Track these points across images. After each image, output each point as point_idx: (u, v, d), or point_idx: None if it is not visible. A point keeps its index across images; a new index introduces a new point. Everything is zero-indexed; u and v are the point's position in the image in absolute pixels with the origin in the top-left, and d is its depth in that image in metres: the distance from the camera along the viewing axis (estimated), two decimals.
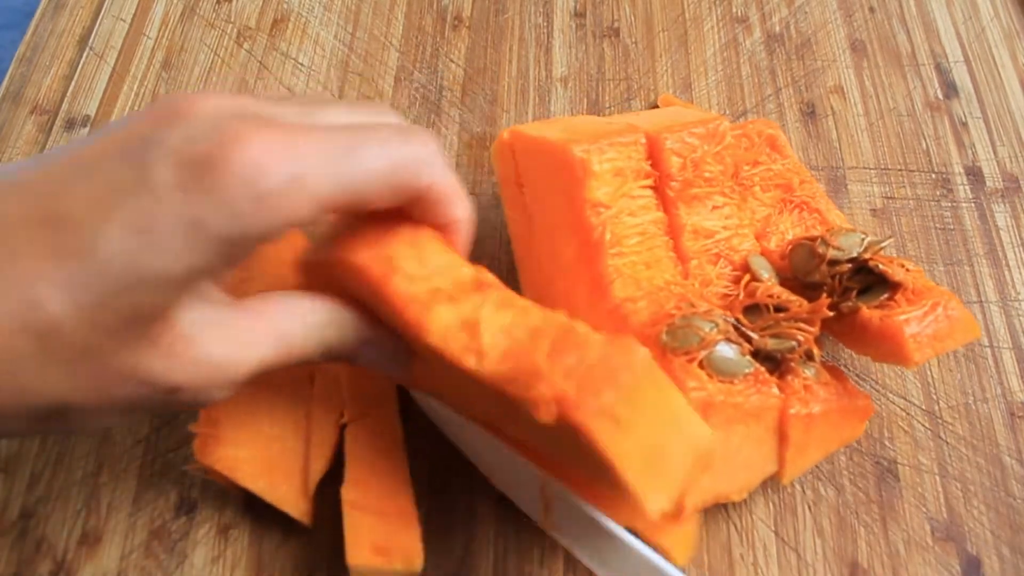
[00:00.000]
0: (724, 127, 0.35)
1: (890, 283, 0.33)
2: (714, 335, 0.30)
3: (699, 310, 0.31)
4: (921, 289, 0.33)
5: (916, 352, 0.32)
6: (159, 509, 0.35)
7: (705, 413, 0.29)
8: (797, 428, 0.30)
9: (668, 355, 0.30)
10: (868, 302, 0.33)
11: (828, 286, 0.33)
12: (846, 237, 0.33)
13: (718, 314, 0.31)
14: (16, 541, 0.34)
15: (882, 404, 0.38)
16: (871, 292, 0.33)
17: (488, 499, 0.35)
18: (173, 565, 0.34)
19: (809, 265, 0.34)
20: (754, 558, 0.34)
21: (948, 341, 0.32)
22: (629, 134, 0.34)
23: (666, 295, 0.32)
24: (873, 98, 0.48)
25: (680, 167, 0.34)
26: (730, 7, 0.52)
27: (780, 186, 0.37)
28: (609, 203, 0.33)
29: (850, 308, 0.33)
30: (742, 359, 0.30)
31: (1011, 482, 0.36)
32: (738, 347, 0.30)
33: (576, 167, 0.33)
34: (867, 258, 0.33)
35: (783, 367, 0.32)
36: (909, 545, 0.35)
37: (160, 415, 0.37)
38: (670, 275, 0.33)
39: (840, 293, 0.33)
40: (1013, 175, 0.45)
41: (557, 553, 0.34)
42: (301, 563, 0.34)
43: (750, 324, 0.32)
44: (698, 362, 0.30)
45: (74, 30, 0.49)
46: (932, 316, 0.32)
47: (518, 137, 0.36)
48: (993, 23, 0.52)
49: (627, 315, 0.31)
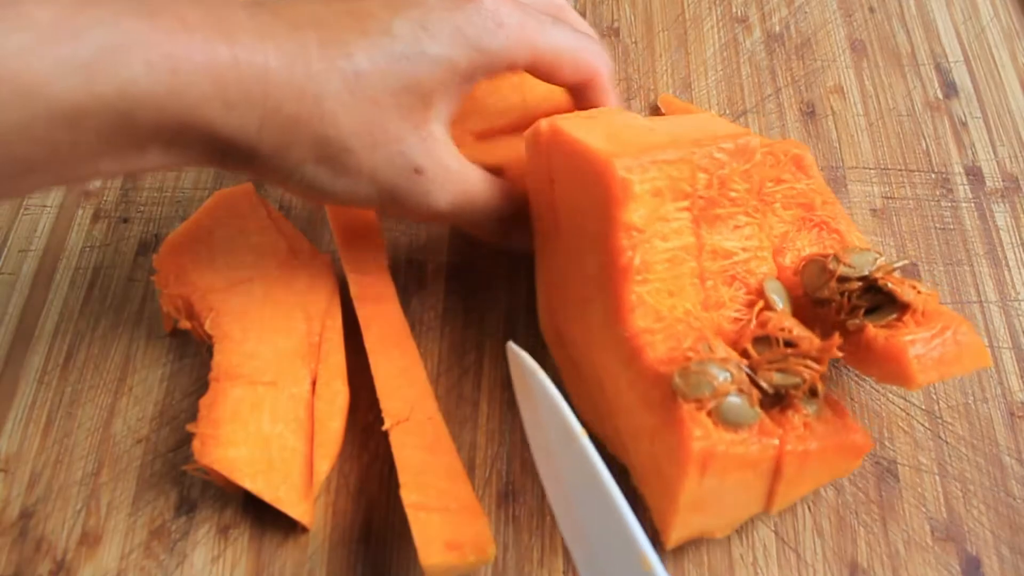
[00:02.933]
0: (754, 143, 0.33)
1: (899, 303, 0.32)
2: (727, 385, 0.29)
3: (716, 355, 0.30)
4: (932, 313, 0.32)
5: (920, 374, 0.31)
6: (159, 509, 0.35)
7: (704, 463, 0.29)
8: (792, 464, 0.30)
9: (679, 400, 0.29)
10: (875, 321, 0.32)
11: (837, 303, 0.33)
12: (859, 256, 0.33)
13: (733, 363, 0.30)
14: (16, 541, 0.34)
15: (882, 404, 0.38)
16: (879, 312, 0.32)
17: (488, 499, 0.35)
18: (173, 565, 0.34)
19: (819, 281, 0.33)
20: (754, 558, 0.34)
21: (955, 366, 0.31)
22: (673, 150, 0.32)
23: (685, 328, 0.31)
24: (873, 98, 0.48)
25: (706, 184, 0.32)
26: (730, 7, 0.52)
27: (802, 204, 0.36)
28: (644, 227, 0.32)
29: (856, 326, 0.32)
30: (750, 410, 0.29)
31: (1011, 482, 0.36)
32: (748, 397, 0.30)
33: (616, 186, 0.31)
34: (877, 277, 0.32)
35: (785, 401, 0.31)
36: (909, 545, 0.35)
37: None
38: (691, 304, 0.32)
39: (848, 311, 0.33)
40: (1013, 175, 0.45)
41: (557, 553, 0.34)
42: (301, 563, 0.34)
43: (758, 356, 0.31)
44: (707, 411, 0.29)
45: None
46: (940, 339, 0.31)
47: (557, 133, 0.34)
48: (993, 23, 0.52)
49: (643, 347, 0.31)
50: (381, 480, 0.36)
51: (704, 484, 0.29)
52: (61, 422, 0.37)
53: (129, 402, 0.38)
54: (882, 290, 0.32)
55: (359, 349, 0.37)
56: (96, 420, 0.37)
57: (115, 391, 0.38)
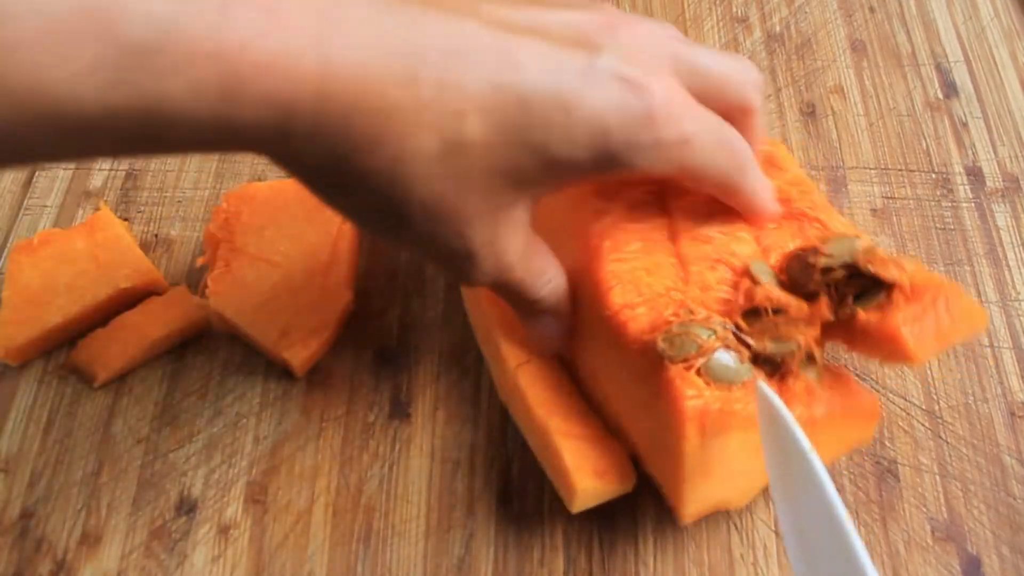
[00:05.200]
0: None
1: (885, 284, 0.32)
2: (712, 343, 0.29)
3: (697, 317, 0.31)
4: (920, 285, 0.32)
5: (919, 350, 0.31)
6: (159, 509, 0.35)
7: (701, 422, 0.29)
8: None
9: (666, 363, 0.29)
10: (865, 306, 0.32)
11: (826, 295, 0.33)
12: (836, 243, 0.33)
13: (717, 321, 0.30)
14: (16, 541, 0.34)
15: (882, 404, 0.38)
16: (868, 296, 0.33)
17: (488, 499, 0.36)
18: (173, 565, 0.34)
19: (804, 276, 0.33)
20: (754, 558, 0.34)
21: (953, 335, 0.32)
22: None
23: (665, 301, 0.32)
24: (873, 98, 0.48)
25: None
26: (730, 7, 0.52)
27: (779, 200, 0.36)
28: (610, 209, 0.33)
29: (847, 314, 0.32)
30: (741, 366, 0.30)
31: (1011, 482, 0.36)
32: (737, 354, 0.30)
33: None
34: (859, 262, 0.33)
35: (783, 370, 0.31)
36: (909, 545, 0.35)
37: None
38: (671, 281, 0.33)
39: (839, 300, 0.33)
40: (1013, 175, 0.45)
41: (557, 553, 0.34)
42: (301, 563, 0.34)
43: (749, 329, 0.31)
44: (696, 370, 0.29)
45: None
46: (932, 312, 0.31)
47: None
48: (993, 23, 0.52)
49: (625, 322, 0.31)
50: (381, 480, 0.36)
51: (706, 447, 0.29)
52: (61, 422, 0.37)
53: (129, 402, 0.38)
54: (865, 274, 0.32)
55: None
56: (96, 420, 0.37)
57: (115, 391, 0.38)
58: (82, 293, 0.38)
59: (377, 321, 0.40)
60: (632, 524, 0.35)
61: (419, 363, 0.39)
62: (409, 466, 0.36)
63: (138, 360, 0.38)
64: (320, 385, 0.38)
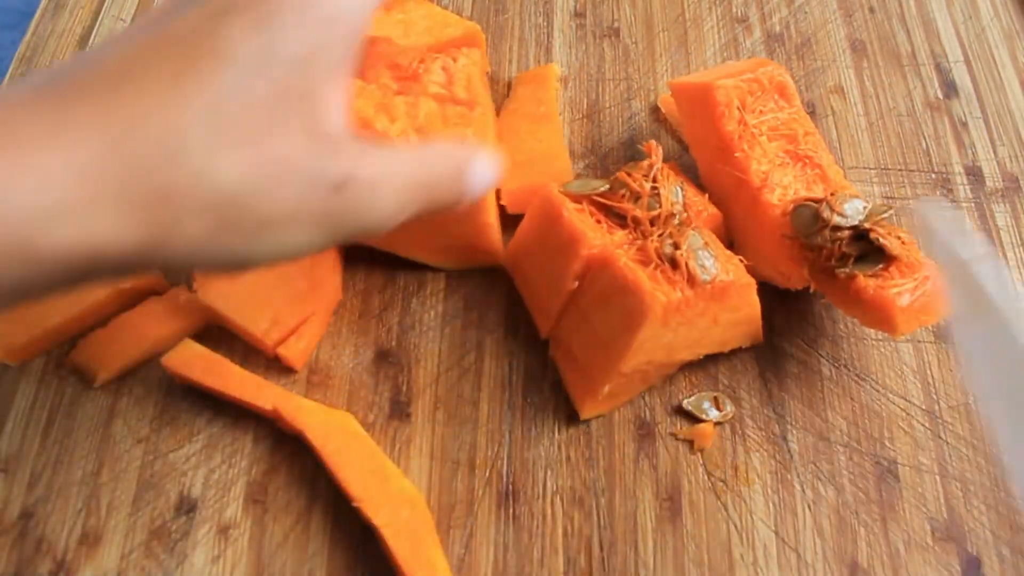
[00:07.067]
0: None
1: (887, 256, 0.34)
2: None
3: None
4: (913, 262, 0.34)
5: (904, 324, 0.34)
6: (159, 509, 0.35)
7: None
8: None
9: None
10: (864, 270, 0.34)
11: (827, 249, 0.35)
12: (850, 204, 0.35)
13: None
14: (16, 541, 0.34)
15: (882, 404, 0.38)
16: (867, 260, 0.35)
17: (488, 499, 0.36)
18: (173, 565, 0.34)
19: (812, 228, 0.35)
20: (754, 558, 0.34)
21: (931, 315, 0.34)
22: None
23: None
24: (873, 98, 0.48)
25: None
26: (730, 7, 0.52)
27: (786, 136, 0.38)
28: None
29: (847, 275, 0.34)
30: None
31: (1011, 482, 0.36)
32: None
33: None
34: (868, 228, 0.34)
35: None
36: (909, 545, 0.35)
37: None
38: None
39: (838, 257, 0.35)
40: (1013, 175, 0.45)
41: (557, 553, 0.34)
42: (301, 563, 0.34)
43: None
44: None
45: (74, 30, 0.49)
46: (922, 290, 0.34)
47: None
48: (993, 23, 0.52)
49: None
50: None
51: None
52: (61, 422, 0.37)
53: (129, 402, 0.38)
54: (873, 242, 0.34)
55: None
56: (96, 420, 0.37)
57: (115, 391, 0.38)
58: (82, 293, 0.38)
59: (377, 321, 0.40)
60: (632, 524, 0.35)
61: (419, 363, 0.39)
62: (409, 466, 0.36)
63: (138, 360, 0.38)
64: (320, 385, 0.38)
